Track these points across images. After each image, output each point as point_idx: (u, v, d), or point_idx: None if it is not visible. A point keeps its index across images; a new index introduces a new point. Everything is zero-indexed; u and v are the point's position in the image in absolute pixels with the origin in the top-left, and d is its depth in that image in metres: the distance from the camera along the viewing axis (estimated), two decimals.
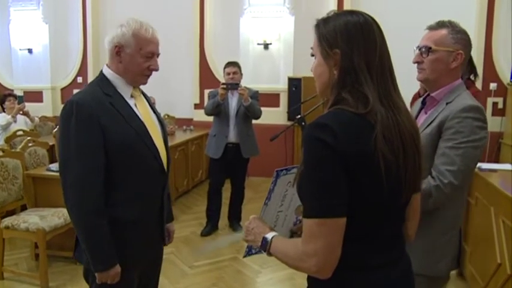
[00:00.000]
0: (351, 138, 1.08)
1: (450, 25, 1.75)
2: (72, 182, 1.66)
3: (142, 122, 1.79)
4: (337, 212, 1.08)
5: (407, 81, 2.41)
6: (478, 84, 6.28)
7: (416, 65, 1.80)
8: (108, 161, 1.69)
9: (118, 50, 1.75)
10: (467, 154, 1.63)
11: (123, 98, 1.78)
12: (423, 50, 1.75)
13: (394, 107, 1.15)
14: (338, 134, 1.07)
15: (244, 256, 1.50)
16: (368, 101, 1.11)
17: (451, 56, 1.72)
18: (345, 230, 1.10)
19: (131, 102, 1.81)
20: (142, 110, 1.84)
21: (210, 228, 4.67)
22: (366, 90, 1.12)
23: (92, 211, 1.66)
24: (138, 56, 1.76)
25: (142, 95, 1.91)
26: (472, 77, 3.40)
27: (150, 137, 1.80)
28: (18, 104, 5.80)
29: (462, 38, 1.74)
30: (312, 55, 1.25)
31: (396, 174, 1.12)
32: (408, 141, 1.15)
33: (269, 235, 1.27)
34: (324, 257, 1.09)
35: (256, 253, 1.45)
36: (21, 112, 5.83)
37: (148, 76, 1.84)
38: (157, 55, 1.84)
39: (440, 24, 1.76)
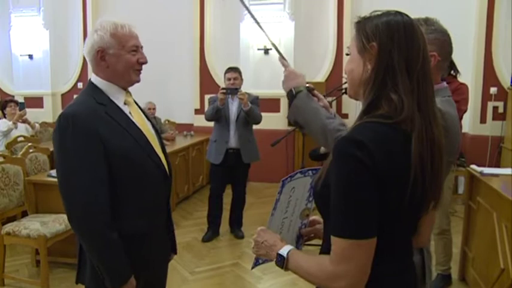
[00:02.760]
0: (386, 157, 1.04)
1: (425, 24, 1.57)
2: (76, 197, 1.58)
3: (140, 130, 1.73)
4: (372, 232, 1.06)
5: None
6: (478, 88, 6.31)
7: None
8: (110, 174, 1.62)
9: (102, 55, 1.70)
10: None
11: (118, 106, 1.72)
12: None
13: (431, 115, 1.11)
14: (374, 153, 1.03)
15: (253, 267, 1.47)
16: (403, 107, 1.07)
17: None
18: None
19: (126, 109, 1.75)
20: (137, 117, 1.78)
21: (211, 234, 4.66)
22: (402, 93, 1.07)
23: (101, 225, 1.59)
24: (123, 53, 1.70)
25: (134, 102, 1.85)
26: (452, 72, 3.40)
27: (150, 144, 1.74)
28: (20, 110, 5.80)
29: (436, 39, 1.57)
30: (347, 54, 1.20)
31: (421, 188, 1.09)
32: (436, 154, 1.12)
33: (283, 251, 1.22)
34: (356, 278, 1.06)
35: (263, 262, 1.42)
36: (20, 120, 5.83)
37: (139, 71, 1.78)
38: (141, 47, 1.78)
39: None
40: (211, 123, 4.63)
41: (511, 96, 5.98)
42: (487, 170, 3.40)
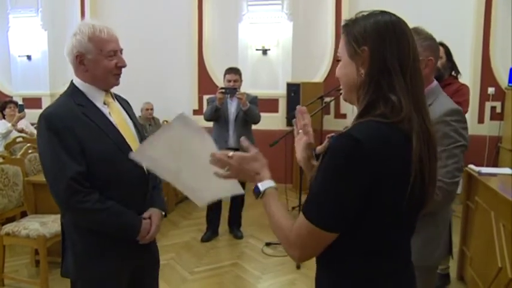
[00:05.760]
0: (383, 157, 1.04)
1: (417, 34, 1.76)
2: (63, 191, 1.65)
3: (118, 131, 1.77)
4: (333, 227, 1.07)
5: None
6: (476, 88, 6.32)
7: None
8: (87, 173, 1.67)
9: (80, 59, 1.73)
10: (457, 155, 1.77)
11: (96, 107, 1.76)
12: None
13: (424, 113, 1.11)
14: (371, 154, 1.02)
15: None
16: (402, 107, 1.06)
17: (422, 64, 1.67)
18: (362, 243, 1.09)
19: (105, 110, 1.79)
20: (117, 117, 1.81)
21: (210, 234, 4.67)
22: (399, 93, 1.06)
23: (92, 206, 1.67)
24: (101, 58, 1.73)
25: (116, 101, 1.88)
26: (453, 73, 3.42)
27: (128, 144, 1.77)
28: (19, 112, 5.80)
29: (430, 45, 1.82)
30: (338, 60, 1.18)
31: (420, 187, 1.08)
32: (432, 153, 1.11)
33: (262, 185, 1.24)
34: (306, 254, 1.13)
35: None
36: (18, 123, 5.80)
37: (119, 75, 1.80)
38: (121, 51, 1.80)
39: None
40: (210, 124, 4.63)
41: (508, 96, 6.00)
42: (485, 170, 3.41)
